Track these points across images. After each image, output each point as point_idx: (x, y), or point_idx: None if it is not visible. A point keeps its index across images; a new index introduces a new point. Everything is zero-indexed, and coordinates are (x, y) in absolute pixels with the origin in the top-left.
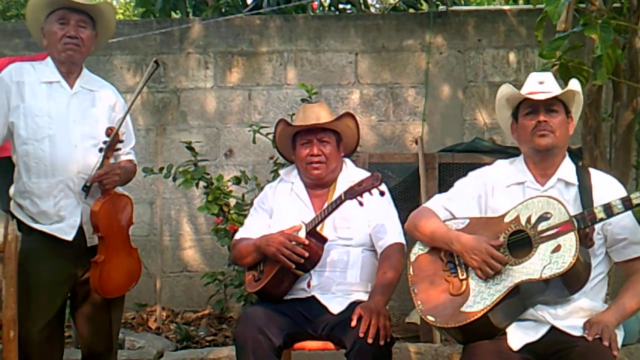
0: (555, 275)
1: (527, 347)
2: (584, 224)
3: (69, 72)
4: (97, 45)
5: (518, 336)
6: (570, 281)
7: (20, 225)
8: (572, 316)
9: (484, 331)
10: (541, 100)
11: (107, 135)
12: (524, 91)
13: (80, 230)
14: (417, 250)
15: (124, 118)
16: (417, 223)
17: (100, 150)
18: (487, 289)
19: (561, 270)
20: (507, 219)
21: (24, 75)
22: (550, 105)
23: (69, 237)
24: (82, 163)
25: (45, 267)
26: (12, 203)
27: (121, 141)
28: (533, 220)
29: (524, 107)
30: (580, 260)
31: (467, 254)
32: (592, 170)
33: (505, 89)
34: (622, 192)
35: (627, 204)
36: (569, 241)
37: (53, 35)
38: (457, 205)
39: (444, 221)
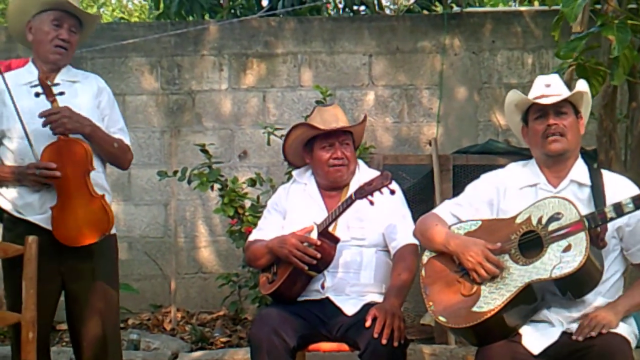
0: (565, 275)
1: (544, 351)
2: (594, 224)
3: (51, 71)
4: None
5: (536, 339)
6: (582, 281)
7: (4, 216)
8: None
9: (496, 331)
10: (549, 104)
11: (39, 79)
12: (532, 95)
13: None
14: (429, 252)
15: None
16: (420, 228)
17: (37, 95)
18: (497, 290)
19: (571, 270)
20: (518, 220)
21: (2, 84)
22: (559, 107)
23: (52, 227)
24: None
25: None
26: None
27: (57, 84)
28: (544, 221)
29: (533, 112)
30: (591, 260)
31: (463, 255)
32: (604, 171)
33: (513, 95)
34: (634, 191)
35: (637, 202)
36: (580, 241)
37: (44, 35)
38: (465, 210)
39: (459, 222)
